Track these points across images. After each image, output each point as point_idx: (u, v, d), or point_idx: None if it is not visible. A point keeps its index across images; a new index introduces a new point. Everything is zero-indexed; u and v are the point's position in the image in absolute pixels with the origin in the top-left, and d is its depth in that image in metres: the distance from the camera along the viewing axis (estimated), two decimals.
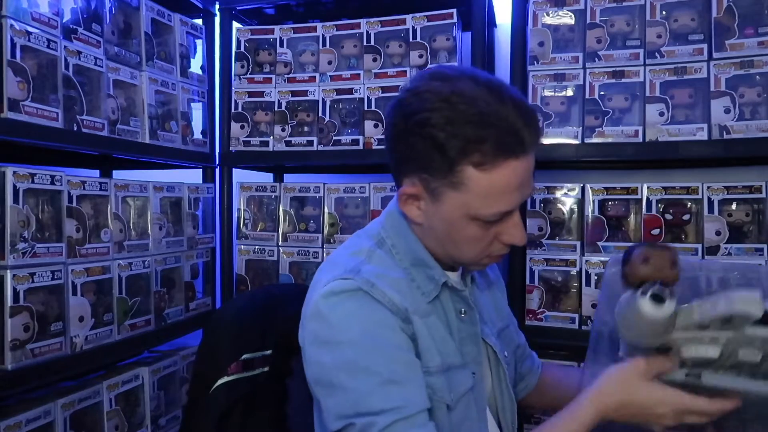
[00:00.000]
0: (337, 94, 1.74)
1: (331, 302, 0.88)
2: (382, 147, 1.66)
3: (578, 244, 1.55)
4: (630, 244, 1.50)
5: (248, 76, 1.83)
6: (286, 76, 1.79)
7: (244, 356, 1.11)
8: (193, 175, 1.93)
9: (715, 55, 1.43)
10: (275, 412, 1.15)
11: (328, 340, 0.88)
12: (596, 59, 1.51)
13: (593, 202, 1.55)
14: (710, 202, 1.46)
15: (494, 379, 1.04)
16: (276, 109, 1.78)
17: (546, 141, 1.53)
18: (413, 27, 1.68)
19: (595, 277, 1.52)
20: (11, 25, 1.19)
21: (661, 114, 1.45)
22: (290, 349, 1.20)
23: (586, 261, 1.52)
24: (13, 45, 1.20)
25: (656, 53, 1.47)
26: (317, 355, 0.89)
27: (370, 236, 1.00)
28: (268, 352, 1.14)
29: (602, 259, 1.51)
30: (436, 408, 0.90)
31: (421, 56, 1.67)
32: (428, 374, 0.90)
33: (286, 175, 2.14)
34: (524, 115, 0.84)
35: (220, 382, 1.08)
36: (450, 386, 0.92)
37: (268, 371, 1.14)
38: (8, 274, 1.18)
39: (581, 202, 1.57)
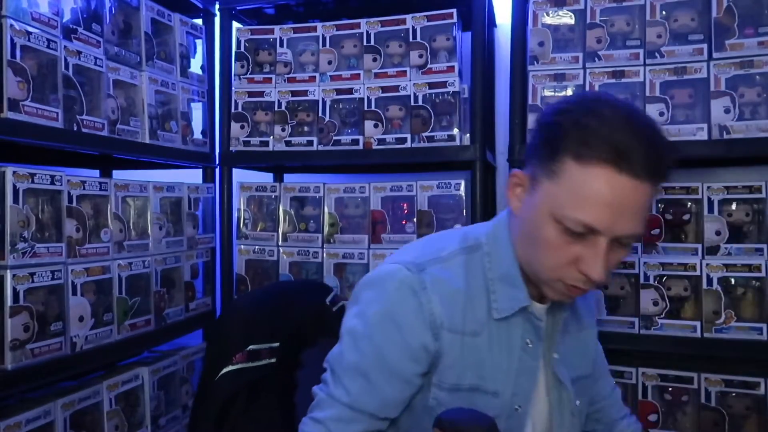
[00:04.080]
0: (337, 94, 1.73)
1: (382, 280, 0.95)
2: (382, 147, 1.68)
3: None
4: None
5: (248, 76, 1.82)
6: (286, 76, 1.79)
7: (250, 347, 1.15)
8: (193, 175, 1.93)
9: (715, 55, 1.43)
10: (281, 400, 1.17)
11: (359, 303, 0.96)
12: (596, 59, 1.51)
13: None
14: (710, 202, 1.46)
15: (555, 422, 1.00)
16: (276, 109, 1.78)
17: None
18: (413, 27, 1.68)
19: None
20: (11, 25, 1.19)
21: (661, 114, 1.45)
22: (301, 342, 1.22)
23: None
24: (13, 45, 1.20)
25: (656, 53, 1.47)
26: (350, 306, 0.99)
27: (466, 239, 0.99)
28: (276, 344, 1.16)
29: None
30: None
31: (421, 56, 1.67)
32: (438, 388, 0.94)
33: (286, 175, 2.14)
34: (646, 138, 0.82)
35: (225, 370, 1.13)
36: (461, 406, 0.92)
37: (275, 363, 1.15)
38: (8, 274, 1.18)
39: None
